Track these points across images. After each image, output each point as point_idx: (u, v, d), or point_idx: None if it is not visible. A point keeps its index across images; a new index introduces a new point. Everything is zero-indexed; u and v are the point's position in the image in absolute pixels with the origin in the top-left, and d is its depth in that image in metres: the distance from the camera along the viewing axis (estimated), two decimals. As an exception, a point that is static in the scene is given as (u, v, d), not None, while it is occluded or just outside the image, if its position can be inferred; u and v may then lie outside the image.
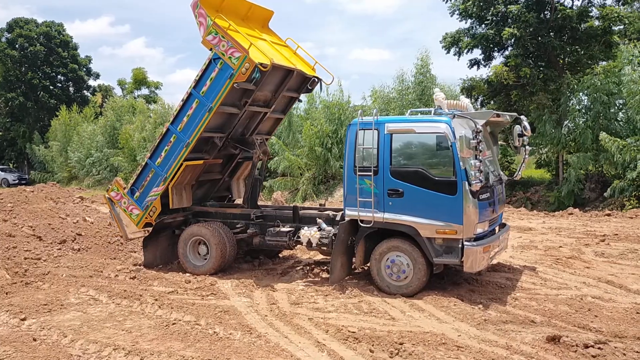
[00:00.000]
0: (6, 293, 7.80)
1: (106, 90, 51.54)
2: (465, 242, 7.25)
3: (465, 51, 22.77)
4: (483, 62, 23.29)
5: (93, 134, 36.67)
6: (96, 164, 34.97)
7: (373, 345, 5.80)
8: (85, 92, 49.61)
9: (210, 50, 8.70)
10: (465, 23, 23.17)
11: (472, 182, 7.10)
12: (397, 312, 6.94)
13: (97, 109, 43.89)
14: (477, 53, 23.08)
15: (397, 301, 7.33)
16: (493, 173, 8.24)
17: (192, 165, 9.26)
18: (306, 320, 6.70)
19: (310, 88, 10.34)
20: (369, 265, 8.02)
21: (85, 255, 10.38)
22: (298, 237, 8.85)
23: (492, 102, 23.49)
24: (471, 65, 23.75)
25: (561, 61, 22.05)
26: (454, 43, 23.21)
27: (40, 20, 47.07)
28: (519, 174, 9.08)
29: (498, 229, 8.43)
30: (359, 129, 7.88)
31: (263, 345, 5.92)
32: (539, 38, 20.59)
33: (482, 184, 7.18)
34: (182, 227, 9.81)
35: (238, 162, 10.64)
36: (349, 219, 8.06)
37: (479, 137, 7.06)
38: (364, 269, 8.59)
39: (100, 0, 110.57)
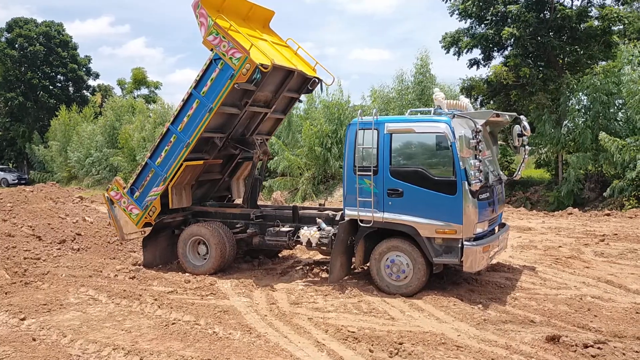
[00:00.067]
0: (6, 293, 7.80)
1: (106, 90, 51.47)
2: (465, 242, 7.25)
3: (465, 51, 22.76)
4: (483, 62, 23.29)
5: (92, 134, 36.64)
6: (96, 163, 34.93)
7: (372, 345, 5.80)
8: (84, 92, 49.59)
9: (211, 50, 8.69)
10: (465, 23, 23.20)
11: (471, 181, 7.10)
12: (397, 311, 6.95)
13: (97, 108, 43.80)
14: (477, 53, 23.12)
15: (397, 301, 7.33)
16: (493, 173, 8.24)
17: (192, 165, 9.26)
18: (306, 320, 6.70)
19: (310, 89, 10.33)
20: (368, 265, 8.03)
21: (85, 255, 10.38)
22: (298, 237, 8.85)
23: (492, 102, 23.49)
24: (471, 65, 23.76)
25: (561, 61, 22.04)
26: (453, 43, 23.20)
27: (39, 20, 47.22)
28: (518, 173, 9.07)
29: (498, 228, 8.43)
30: (359, 129, 7.88)
31: (263, 345, 5.92)
32: (539, 38, 20.58)
33: (481, 184, 7.19)
34: (182, 227, 9.82)
35: (238, 162, 10.64)
36: (349, 218, 8.06)
37: (479, 137, 7.06)
38: (364, 269, 8.59)
39: (100, 0, 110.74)
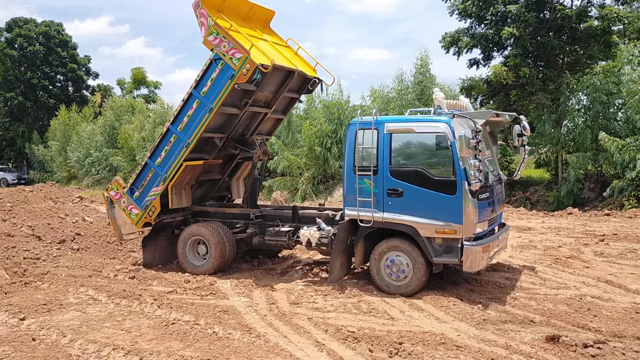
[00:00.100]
0: (5, 293, 7.80)
1: (105, 90, 51.44)
2: (465, 242, 7.25)
3: (465, 51, 22.75)
4: (482, 61, 23.27)
5: (92, 134, 36.62)
6: (95, 163, 34.91)
7: (372, 345, 5.80)
8: (84, 91, 49.56)
9: (212, 50, 8.68)
10: (465, 23, 23.18)
11: (471, 181, 7.10)
12: (397, 311, 6.95)
13: (97, 108, 43.81)
14: (477, 53, 23.10)
15: (397, 301, 7.33)
16: (492, 173, 8.24)
17: (192, 165, 9.26)
18: (305, 320, 6.70)
19: (311, 89, 10.32)
20: (368, 265, 8.03)
21: (85, 255, 10.37)
22: (297, 237, 8.84)
23: (492, 102, 23.49)
24: (470, 65, 23.74)
25: (560, 61, 22.04)
26: (453, 43, 23.19)
27: (39, 20, 47.21)
28: (518, 173, 9.07)
29: (497, 228, 8.43)
30: (359, 129, 7.88)
31: (262, 345, 5.92)
32: (539, 38, 20.58)
33: (481, 184, 7.19)
34: (182, 226, 9.82)
35: (238, 162, 10.63)
36: (349, 218, 8.06)
37: (479, 137, 7.06)
38: (364, 269, 8.59)
39: (99, 0, 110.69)
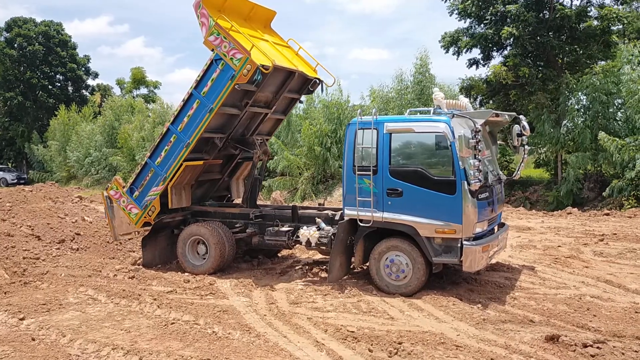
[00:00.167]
0: (5, 293, 7.81)
1: (105, 90, 51.39)
2: (465, 242, 7.25)
3: (464, 51, 22.75)
4: (482, 61, 23.27)
5: (92, 134, 36.59)
6: (95, 163, 34.89)
7: (372, 345, 5.80)
8: (84, 91, 49.52)
9: (212, 51, 8.67)
10: (464, 23, 23.18)
11: (471, 181, 7.09)
12: (396, 311, 6.95)
13: (96, 108, 43.76)
14: (476, 53, 23.10)
15: (396, 301, 7.33)
16: (492, 172, 8.24)
17: (191, 165, 9.25)
18: (305, 319, 6.70)
19: (311, 89, 10.30)
20: (368, 264, 8.02)
21: (84, 254, 10.37)
22: (297, 237, 8.84)
23: (491, 102, 23.48)
24: (470, 65, 23.74)
25: (560, 61, 22.04)
26: (452, 43, 23.19)
27: (39, 20, 47.07)
28: (517, 173, 9.07)
29: (497, 228, 8.44)
30: (358, 129, 7.88)
31: (262, 344, 5.91)
32: (538, 38, 20.58)
33: (481, 184, 7.19)
34: (181, 226, 9.81)
35: (238, 162, 10.63)
36: (348, 218, 8.06)
37: (478, 137, 7.06)
38: (363, 269, 8.58)
39: (99, 0, 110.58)
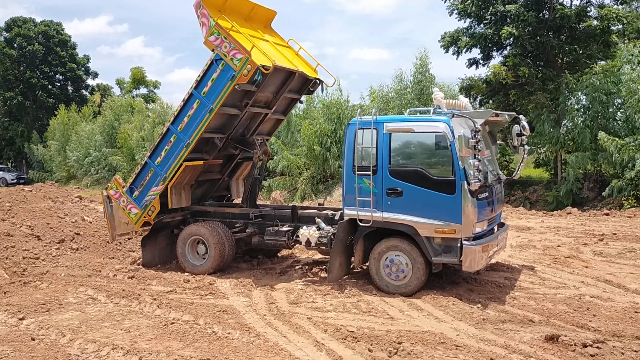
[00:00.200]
0: (4, 292, 7.81)
1: (105, 90, 51.39)
2: (464, 242, 7.25)
3: (464, 50, 22.75)
4: (482, 61, 23.28)
5: (91, 134, 36.59)
6: (94, 163, 34.88)
7: (372, 345, 5.80)
8: (83, 91, 49.52)
9: (213, 51, 8.66)
10: (464, 22, 23.20)
11: (471, 181, 7.09)
12: (396, 311, 6.95)
13: (96, 108, 43.77)
14: (476, 52, 23.12)
15: (396, 300, 7.33)
16: (492, 172, 8.24)
17: (191, 165, 9.25)
18: (305, 319, 6.70)
19: (312, 90, 10.30)
20: (367, 264, 8.02)
21: (84, 254, 10.37)
22: (297, 237, 8.84)
23: (491, 102, 23.49)
24: (470, 65, 23.75)
25: (560, 61, 22.05)
26: (452, 42, 23.19)
27: (38, 19, 47.01)
28: (517, 173, 9.07)
29: (497, 228, 8.44)
30: (358, 129, 7.88)
31: (262, 344, 5.91)
32: (538, 37, 20.59)
33: (481, 184, 7.19)
34: (181, 226, 9.81)
35: (238, 162, 10.63)
36: (348, 218, 8.06)
37: (478, 137, 7.05)
38: (363, 269, 8.58)
39: (98, 0, 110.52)
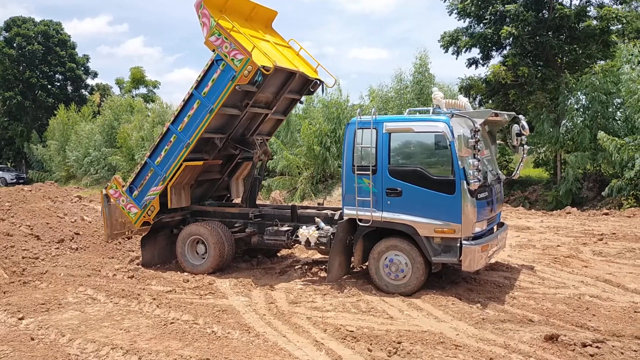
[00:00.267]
0: (4, 292, 7.80)
1: (104, 89, 51.41)
2: (464, 241, 7.26)
3: (464, 50, 22.73)
4: (481, 61, 23.24)
5: (91, 133, 36.59)
6: (94, 163, 34.88)
7: (371, 344, 5.80)
8: (83, 91, 49.55)
9: (213, 51, 8.65)
10: (464, 22, 23.15)
11: (470, 181, 7.09)
12: (396, 311, 6.95)
13: (95, 108, 43.81)
14: (476, 52, 23.07)
15: (396, 300, 7.33)
16: (491, 172, 8.25)
17: (191, 165, 9.25)
18: (304, 319, 6.70)
19: (312, 90, 10.30)
20: (367, 264, 8.03)
21: (83, 254, 10.36)
22: (296, 236, 8.84)
23: (491, 101, 23.47)
24: (469, 65, 23.71)
25: (559, 60, 22.04)
26: (452, 42, 23.17)
27: (38, 19, 47.17)
28: (517, 173, 9.08)
29: (496, 228, 8.45)
30: (358, 128, 7.88)
31: (261, 344, 5.92)
32: (537, 37, 20.58)
33: (480, 183, 7.19)
34: (181, 226, 9.81)
35: (238, 162, 10.63)
36: (348, 218, 8.06)
37: (477, 136, 7.06)
38: (362, 268, 8.59)
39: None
